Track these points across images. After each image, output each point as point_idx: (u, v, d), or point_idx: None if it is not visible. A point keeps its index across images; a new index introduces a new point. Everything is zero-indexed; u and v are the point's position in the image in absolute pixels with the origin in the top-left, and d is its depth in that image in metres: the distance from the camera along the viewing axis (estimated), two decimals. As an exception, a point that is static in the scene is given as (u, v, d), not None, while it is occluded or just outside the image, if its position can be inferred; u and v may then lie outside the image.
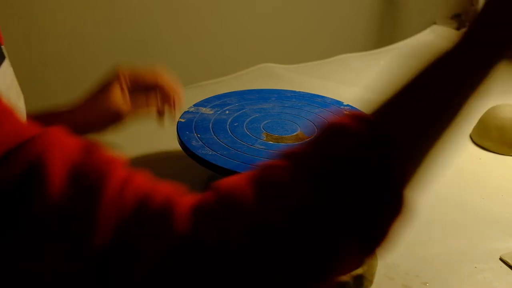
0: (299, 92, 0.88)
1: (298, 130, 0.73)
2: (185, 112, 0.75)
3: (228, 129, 0.72)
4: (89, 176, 0.32)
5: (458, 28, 1.68)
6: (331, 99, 0.85)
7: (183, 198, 0.34)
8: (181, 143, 0.68)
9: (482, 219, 0.69)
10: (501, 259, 0.61)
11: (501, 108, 0.88)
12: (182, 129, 0.71)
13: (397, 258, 0.61)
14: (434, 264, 0.61)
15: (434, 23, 1.77)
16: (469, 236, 0.65)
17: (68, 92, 0.83)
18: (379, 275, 0.59)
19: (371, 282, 0.54)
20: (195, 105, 0.79)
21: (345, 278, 0.50)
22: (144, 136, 0.85)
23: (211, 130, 0.71)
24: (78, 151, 0.33)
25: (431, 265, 0.60)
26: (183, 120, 0.73)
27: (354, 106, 0.80)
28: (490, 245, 0.64)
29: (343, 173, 0.33)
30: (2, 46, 0.54)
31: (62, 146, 0.33)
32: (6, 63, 0.53)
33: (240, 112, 0.78)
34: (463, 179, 0.78)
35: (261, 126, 0.74)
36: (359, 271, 0.51)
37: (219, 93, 0.84)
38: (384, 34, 2.18)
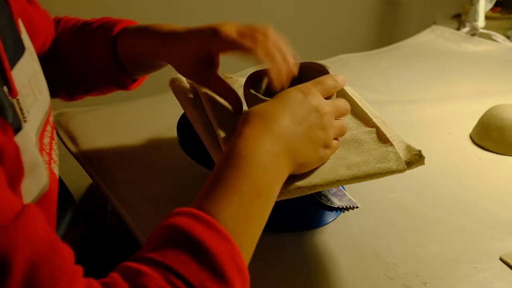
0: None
1: None
2: (183, 114, 0.75)
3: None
4: (42, 285, 0.34)
5: (458, 28, 1.68)
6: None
7: None
8: (181, 143, 0.68)
9: (482, 219, 0.69)
10: (501, 259, 0.61)
11: (501, 108, 0.88)
12: (182, 129, 0.71)
13: (397, 258, 0.61)
14: (434, 264, 0.61)
15: (434, 23, 1.77)
16: (469, 236, 0.65)
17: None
18: (379, 275, 0.59)
19: None
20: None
21: None
22: (144, 136, 0.85)
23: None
24: (44, 248, 0.35)
25: (431, 265, 0.60)
26: (183, 121, 0.73)
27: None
28: (490, 245, 0.64)
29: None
30: (22, 36, 0.54)
31: (29, 242, 0.34)
32: (27, 55, 0.53)
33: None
34: (463, 179, 0.78)
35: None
36: None
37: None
38: (384, 34, 2.18)
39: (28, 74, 0.52)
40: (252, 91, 0.59)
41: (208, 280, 0.38)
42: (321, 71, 0.62)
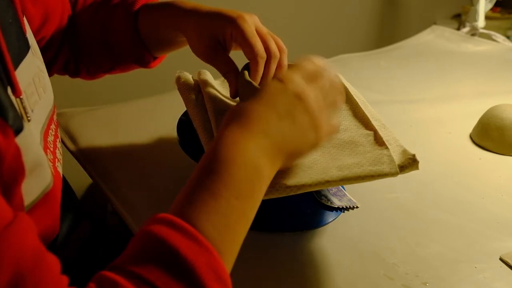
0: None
1: None
2: (185, 112, 0.75)
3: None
4: None
5: (458, 28, 1.68)
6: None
7: None
8: (181, 143, 0.68)
9: (482, 219, 0.69)
10: (501, 259, 0.61)
11: (501, 108, 0.88)
12: (182, 126, 0.71)
13: (397, 258, 0.61)
14: (434, 264, 0.61)
15: (434, 23, 1.77)
16: (469, 236, 0.65)
17: (69, 89, 0.83)
18: (379, 275, 0.59)
19: None
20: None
21: None
22: (144, 136, 0.85)
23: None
24: (29, 259, 0.35)
25: (431, 265, 0.60)
26: (184, 118, 0.73)
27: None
28: (490, 245, 0.64)
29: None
30: (27, 35, 0.54)
31: (16, 253, 0.34)
32: (31, 53, 0.53)
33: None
34: (463, 179, 0.78)
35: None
36: None
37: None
38: (384, 34, 2.18)
39: (33, 73, 0.52)
40: (246, 77, 0.59)
41: None
42: None
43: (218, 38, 0.63)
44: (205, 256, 0.39)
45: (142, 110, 0.97)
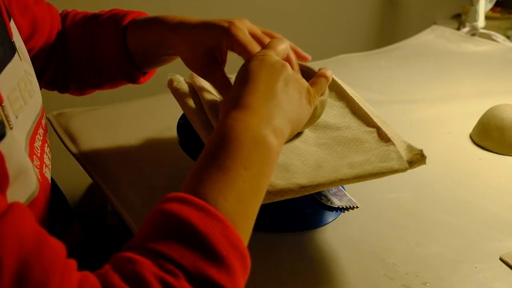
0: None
1: None
2: (183, 114, 0.75)
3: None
4: (34, 280, 0.33)
5: (458, 28, 1.68)
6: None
7: None
8: (181, 143, 0.68)
9: (482, 219, 0.69)
10: (501, 259, 0.61)
11: (501, 108, 0.88)
12: (182, 130, 0.71)
13: (397, 258, 0.61)
14: (434, 264, 0.61)
15: (434, 23, 1.77)
16: (469, 236, 0.65)
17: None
18: (379, 275, 0.59)
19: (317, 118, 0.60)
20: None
21: None
22: (144, 136, 0.85)
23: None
24: (32, 243, 0.35)
25: (431, 265, 0.60)
26: (182, 122, 0.73)
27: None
28: (490, 245, 0.64)
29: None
30: (13, 39, 0.53)
31: (17, 238, 0.34)
32: (17, 58, 0.52)
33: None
34: (463, 179, 0.78)
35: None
36: None
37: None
38: (384, 34, 2.18)
39: (18, 78, 0.51)
40: None
41: (200, 261, 0.37)
42: (309, 73, 0.62)
43: (212, 50, 0.61)
44: (218, 227, 0.39)
45: (142, 110, 0.97)
